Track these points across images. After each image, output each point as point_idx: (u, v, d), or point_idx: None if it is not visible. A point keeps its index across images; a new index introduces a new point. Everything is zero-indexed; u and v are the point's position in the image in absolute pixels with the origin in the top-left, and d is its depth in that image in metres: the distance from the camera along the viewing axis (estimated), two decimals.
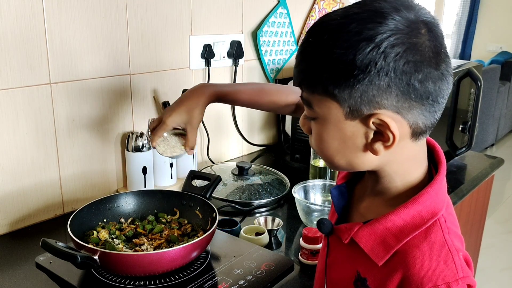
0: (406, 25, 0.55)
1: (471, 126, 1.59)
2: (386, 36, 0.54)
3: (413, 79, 0.55)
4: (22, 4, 1.05)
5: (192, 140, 1.01)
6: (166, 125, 0.99)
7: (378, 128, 0.58)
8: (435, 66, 0.56)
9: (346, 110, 0.58)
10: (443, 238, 0.61)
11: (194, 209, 1.07)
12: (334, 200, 0.73)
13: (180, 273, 0.91)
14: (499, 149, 4.92)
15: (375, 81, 0.55)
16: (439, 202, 0.62)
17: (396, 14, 0.55)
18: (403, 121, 0.58)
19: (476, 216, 1.78)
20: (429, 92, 0.57)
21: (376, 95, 0.56)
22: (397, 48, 0.54)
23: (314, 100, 0.61)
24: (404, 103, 0.56)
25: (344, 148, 0.62)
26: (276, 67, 1.79)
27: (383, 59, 0.54)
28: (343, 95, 0.57)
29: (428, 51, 0.56)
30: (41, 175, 1.16)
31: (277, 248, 1.11)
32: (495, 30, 5.82)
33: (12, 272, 0.97)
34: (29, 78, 1.09)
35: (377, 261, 0.62)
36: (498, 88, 4.57)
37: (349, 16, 0.56)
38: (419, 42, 0.55)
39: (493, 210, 3.37)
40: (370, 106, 0.57)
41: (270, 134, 1.86)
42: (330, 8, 1.93)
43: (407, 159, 0.63)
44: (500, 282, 2.60)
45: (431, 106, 0.58)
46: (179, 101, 1.01)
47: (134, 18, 1.27)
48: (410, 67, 0.55)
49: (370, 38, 0.54)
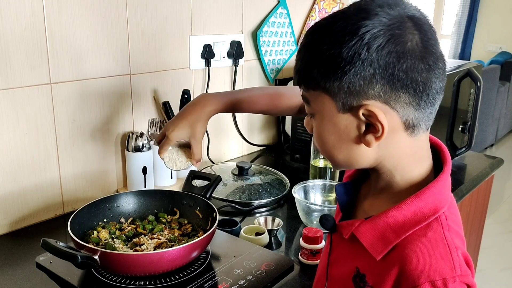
0: (389, 18, 0.57)
1: (471, 126, 1.59)
2: (369, 29, 0.56)
3: (397, 69, 0.57)
4: (22, 4, 1.05)
5: (198, 153, 1.02)
6: (170, 140, 1.00)
7: (368, 120, 0.60)
8: (420, 58, 0.58)
9: (338, 104, 0.61)
10: (443, 234, 0.61)
11: (194, 209, 1.07)
12: (338, 197, 0.74)
13: (180, 273, 0.91)
14: (499, 149, 4.92)
15: (360, 71, 0.57)
16: (441, 200, 0.62)
17: (380, 9, 0.58)
18: (392, 112, 0.59)
19: (476, 216, 1.78)
20: (415, 83, 0.58)
21: (362, 85, 0.58)
22: (379, 39, 0.56)
23: (310, 96, 0.64)
24: (390, 93, 0.58)
25: (340, 142, 0.64)
26: (276, 67, 1.79)
27: (366, 50, 0.56)
28: (333, 89, 0.60)
29: (413, 43, 0.57)
30: (41, 175, 1.16)
31: (277, 248, 1.11)
32: (495, 31, 5.82)
33: (12, 272, 0.97)
34: (29, 78, 1.09)
35: (375, 255, 0.63)
36: (498, 88, 4.58)
37: (336, 16, 0.60)
38: (402, 34, 0.57)
39: (493, 210, 3.37)
40: (359, 97, 0.59)
41: (270, 134, 1.86)
42: (330, 8, 1.94)
43: (405, 155, 0.63)
44: (500, 282, 2.61)
45: (419, 98, 0.59)
46: (181, 115, 1.01)
47: (134, 18, 1.27)
48: (392, 57, 0.57)
49: (354, 32, 0.57)
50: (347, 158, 0.65)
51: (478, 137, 4.28)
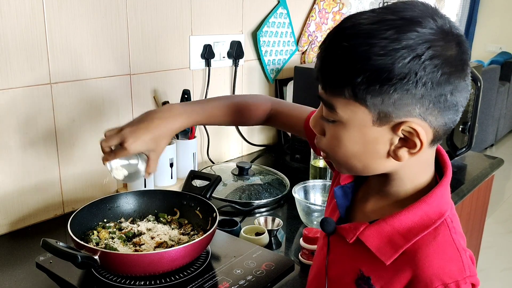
0: (442, 36, 0.56)
1: (471, 126, 1.59)
2: (426, 47, 0.55)
3: (446, 90, 0.57)
4: (22, 4, 1.05)
5: (154, 167, 0.91)
6: (128, 152, 0.85)
7: (405, 135, 0.59)
8: (464, 78, 0.59)
9: (375, 116, 0.58)
10: (451, 238, 0.62)
11: (194, 209, 1.07)
12: (338, 200, 0.73)
13: (180, 273, 0.91)
14: (499, 149, 4.92)
15: (411, 90, 0.56)
16: (445, 203, 0.64)
17: (432, 23, 0.56)
18: (429, 129, 0.59)
19: (476, 216, 1.78)
20: (456, 102, 0.59)
21: (409, 104, 0.57)
22: (436, 60, 0.55)
23: (338, 103, 0.60)
24: (433, 112, 0.58)
25: (364, 153, 0.62)
26: (276, 67, 1.79)
27: (423, 70, 0.55)
28: (375, 101, 0.57)
29: (458, 63, 0.58)
30: (41, 175, 1.16)
31: (277, 248, 1.10)
32: (495, 31, 5.82)
33: (12, 272, 0.97)
34: (29, 78, 1.09)
35: (385, 260, 0.63)
36: (498, 89, 4.57)
37: (384, 22, 0.56)
38: (452, 54, 0.57)
39: (493, 210, 3.37)
40: (402, 113, 0.57)
41: (270, 134, 1.86)
42: (330, 9, 1.93)
43: (419, 163, 0.64)
44: (500, 282, 2.60)
45: (454, 115, 0.60)
46: (145, 127, 0.86)
47: (134, 18, 1.27)
48: (444, 78, 0.56)
49: (410, 47, 0.54)
50: (365, 167, 0.64)
51: (478, 137, 4.28)
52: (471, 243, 1.81)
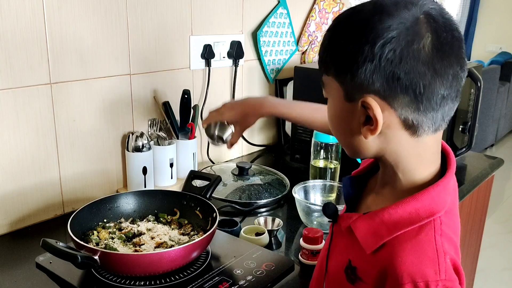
0: (405, 19, 0.58)
1: (471, 126, 1.59)
2: (386, 27, 0.57)
3: (398, 69, 0.58)
4: (22, 4, 1.05)
5: (236, 138, 1.10)
6: (223, 116, 1.08)
7: (367, 113, 0.61)
8: (425, 62, 0.57)
9: (345, 92, 0.63)
10: (434, 238, 0.61)
11: (194, 209, 1.07)
12: (343, 189, 0.76)
13: (180, 273, 0.91)
14: (499, 149, 4.92)
15: (365, 66, 0.59)
16: (439, 203, 0.63)
17: (396, 10, 0.58)
18: (390, 109, 0.60)
19: (476, 216, 1.78)
20: (415, 85, 0.58)
21: (364, 80, 0.59)
22: (391, 44, 0.57)
23: (326, 80, 0.67)
24: (389, 91, 0.59)
25: (344, 129, 0.66)
26: (276, 68, 1.79)
27: (380, 48, 0.57)
28: (341, 78, 0.63)
29: (419, 45, 0.57)
30: (41, 175, 1.16)
31: (277, 248, 1.10)
32: (495, 31, 5.82)
33: (12, 272, 0.97)
34: (29, 78, 1.09)
35: (366, 249, 0.64)
36: (498, 89, 4.58)
37: (355, 8, 0.63)
38: (412, 34, 0.57)
39: (493, 210, 3.37)
40: (361, 90, 0.60)
41: (270, 134, 1.86)
42: (330, 9, 1.93)
43: (407, 154, 0.64)
44: (500, 282, 2.61)
45: (419, 101, 0.59)
46: (242, 102, 1.10)
47: (135, 18, 1.27)
48: (395, 56, 0.57)
49: (371, 30, 0.58)
50: (350, 145, 0.67)
51: (478, 137, 4.28)
52: (471, 243, 1.81)
